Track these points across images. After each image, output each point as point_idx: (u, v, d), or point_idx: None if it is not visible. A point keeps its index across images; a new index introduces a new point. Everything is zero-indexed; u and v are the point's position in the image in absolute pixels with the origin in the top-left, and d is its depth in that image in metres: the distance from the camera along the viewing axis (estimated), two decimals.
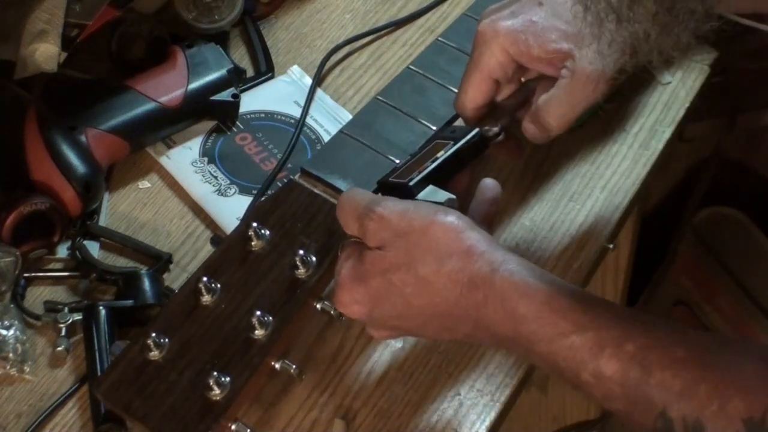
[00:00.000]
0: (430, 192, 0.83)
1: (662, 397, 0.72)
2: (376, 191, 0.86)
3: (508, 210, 1.01)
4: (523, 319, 0.75)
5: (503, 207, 1.02)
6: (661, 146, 1.05)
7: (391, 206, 0.79)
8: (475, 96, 0.90)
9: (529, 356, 0.77)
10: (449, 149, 0.86)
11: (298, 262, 0.82)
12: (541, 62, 0.89)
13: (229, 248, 0.83)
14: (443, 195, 0.82)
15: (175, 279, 0.97)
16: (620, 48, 0.82)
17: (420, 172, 0.84)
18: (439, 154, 0.86)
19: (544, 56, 0.88)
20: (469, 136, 0.87)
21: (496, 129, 0.89)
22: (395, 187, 0.85)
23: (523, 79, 0.92)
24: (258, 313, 0.79)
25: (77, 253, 0.98)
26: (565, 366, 0.75)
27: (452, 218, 0.78)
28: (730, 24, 0.89)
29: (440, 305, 0.78)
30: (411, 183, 0.83)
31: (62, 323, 0.93)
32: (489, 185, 0.86)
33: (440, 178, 0.85)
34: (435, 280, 0.77)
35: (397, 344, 0.93)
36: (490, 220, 0.84)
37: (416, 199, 0.83)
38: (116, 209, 1.03)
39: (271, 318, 0.79)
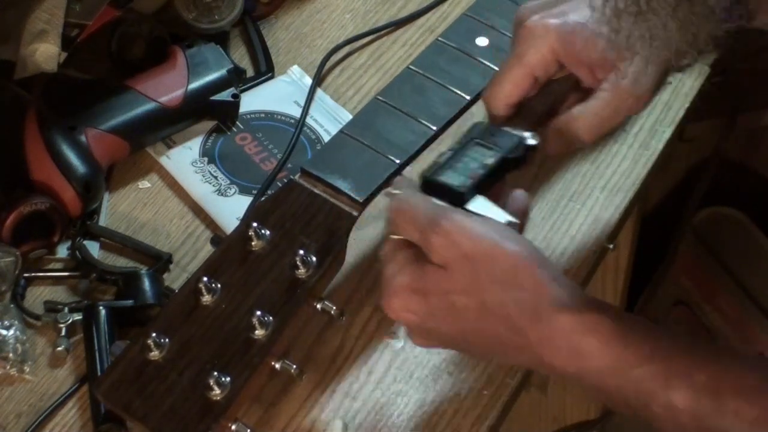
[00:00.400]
0: (489, 208, 0.82)
1: (736, 426, 0.71)
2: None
3: None
4: (589, 355, 0.74)
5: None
6: (661, 146, 1.05)
7: (459, 223, 0.77)
8: (512, 91, 0.88)
9: (595, 392, 0.76)
10: (496, 156, 0.85)
11: (298, 262, 0.82)
12: (583, 67, 0.87)
13: (229, 248, 0.83)
14: (503, 216, 0.81)
15: (175, 279, 0.97)
16: (638, 43, 0.82)
17: (472, 179, 0.82)
18: (488, 162, 0.84)
19: (589, 62, 0.86)
20: (514, 145, 0.86)
21: (537, 140, 0.87)
22: (444, 189, 0.82)
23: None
24: (258, 313, 0.79)
25: (77, 253, 0.98)
26: (634, 398, 0.73)
27: (522, 249, 0.77)
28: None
29: (502, 335, 0.77)
30: (465, 191, 0.81)
31: (62, 323, 0.93)
32: (519, 197, 0.84)
33: (484, 186, 0.83)
34: (499, 310, 0.76)
35: (397, 344, 0.93)
36: (521, 232, 0.83)
37: (476, 212, 0.81)
38: (116, 209, 1.03)
39: (271, 318, 0.79)
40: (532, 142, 0.86)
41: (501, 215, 0.80)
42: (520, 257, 0.76)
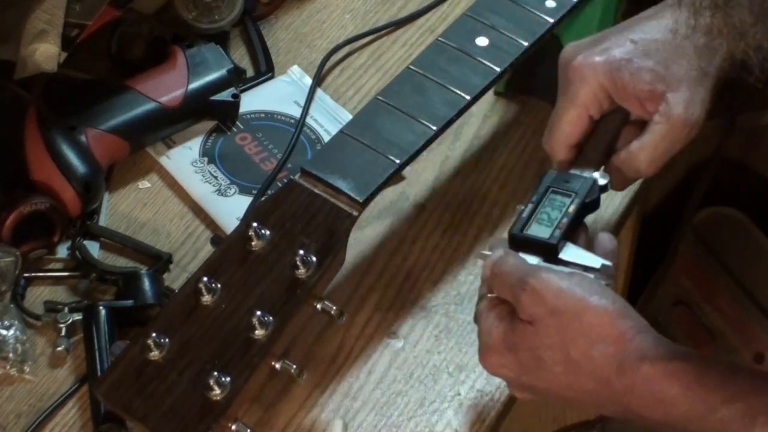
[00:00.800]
0: (581, 255, 0.83)
1: None
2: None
3: (508, 210, 1.01)
4: (673, 401, 0.76)
5: (503, 207, 1.02)
6: None
7: (545, 281, 0.79)
8: (571, 133, 0.90)
9: None
10: (576, 203, 0.86)
11: (298, 262, 0.82)
12: (633, 100, 0.88)
13: (229, 248, 0.83)
14: (596, 260, 0.82)
15: (175, 279, 0.97)
16: (715, 49, 0.83)
17: (560, 229, 0.84)
18: (570, 209, 0.86)
19: (637, 94, 0.88)
20: (589, 188, 0.87)
21: (607, 179, 0.89)
22: (534, 243, 0.84)
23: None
24: (258, 313, 0.79)
25: (77, 253, 0.98)
26: None
27: (606, 302, 0.78)
28: None
29: (588, 386, 0.78)
30: (556, 242, 0.83)
31: (62, 323, 0.93)
32: (606, 239, 0.86)
33: (569, 233, 0.85)
34: (585, 363, 0.78)
35: (397, 344, 0.93)
36: (615, 272, 0.84)
37: (571, 261, 0.83)
38: (116, 209, 1.03)
39: (271, 318, 0.79)
40: (603, 182, 0.89)
41: (594, 260, 0.83)
42: (603, 310, 0.78)
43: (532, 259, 0.83)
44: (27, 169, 0.97)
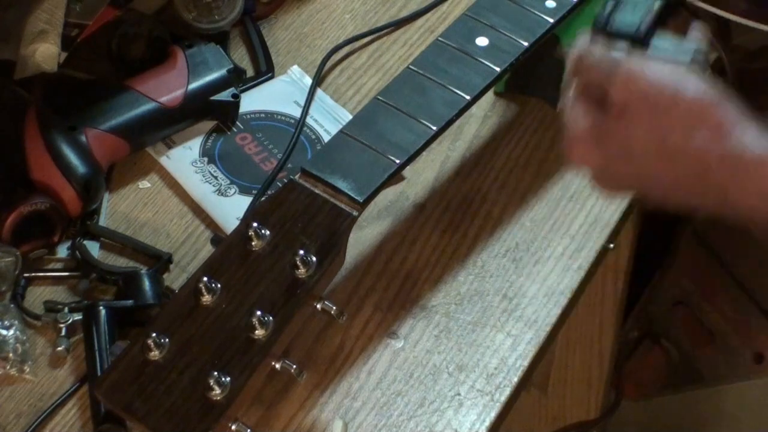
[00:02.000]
0: (672, 42, 0.80)
1: None
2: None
3: (508, 210, 1.01)
4: None
5: (503, 207, 1.02)
6: None
7: (640, 65, 0.75)
8: None
9: None
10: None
11: (298, 262, 0.82)
12: None
13: (229, 248, 0.83)
14: (687, 46, 0.79)
15: (175, 279, 0.97)
16: None
17: (649, 14, 0.81)
18: (654, 7, 0.83)
19: None
20: None
21: None
22: (620, 34, 0.81)
23: None
24: (258, 313, 0.79)
25: (77, 253, 0.98)
26: None
27: (703, 89, 0.75)
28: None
29: (684, 175, 0.75)
30: (643, 33, 0.80)
31: (62, 323, 0.93)
32: (698, 28, 0.82)
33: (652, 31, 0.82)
34: (682, 156, 0.74)
35: (397, 344, 0.93)
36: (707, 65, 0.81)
37: (663, 46, 0.80)
38: (116, 209, 1.03)
39: (271, 318, 0.79)
40: None
41: (685, 46, 0.79)
42: (702, 98, 0.74)
43: (617, 53, 0.79)
44: (27, 169, 0.97)
